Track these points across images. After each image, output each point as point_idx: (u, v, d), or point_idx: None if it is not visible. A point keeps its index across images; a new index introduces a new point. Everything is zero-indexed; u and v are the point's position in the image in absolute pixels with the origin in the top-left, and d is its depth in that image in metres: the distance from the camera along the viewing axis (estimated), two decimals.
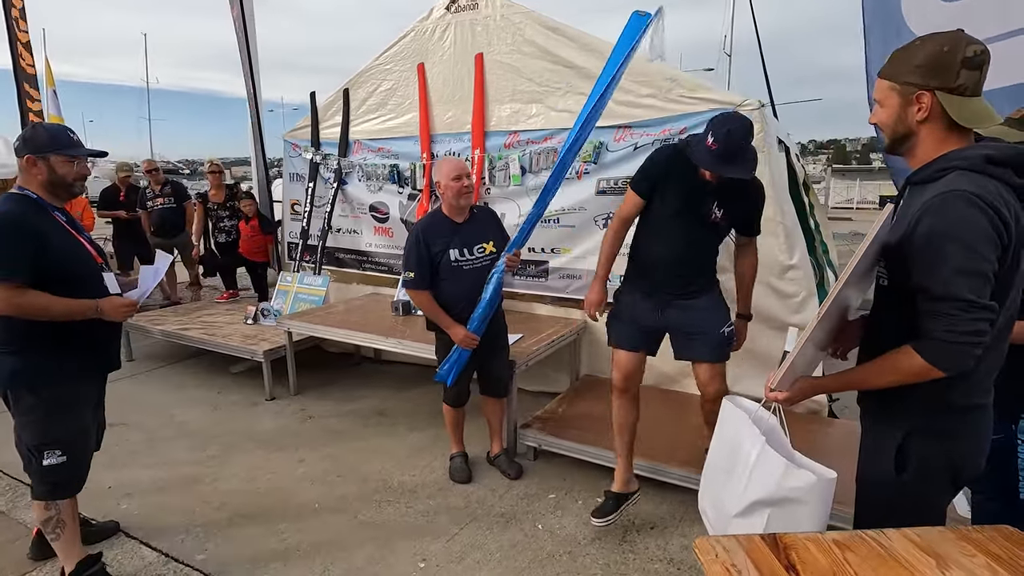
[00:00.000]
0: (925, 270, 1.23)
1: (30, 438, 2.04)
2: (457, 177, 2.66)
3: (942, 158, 1.26)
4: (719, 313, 2.48)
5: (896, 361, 1.28)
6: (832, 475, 1.34)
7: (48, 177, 2.03)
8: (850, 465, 1.53)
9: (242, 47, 5.88)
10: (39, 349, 2.00)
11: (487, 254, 2.77)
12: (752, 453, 1.43)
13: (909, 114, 1.30)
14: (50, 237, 1.97)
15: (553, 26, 3.78)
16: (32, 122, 2.28)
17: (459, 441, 3.12)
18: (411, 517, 2.69)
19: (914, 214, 1.26)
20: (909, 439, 1.34)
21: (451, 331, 2.72)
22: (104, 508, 2.75)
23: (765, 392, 1.47)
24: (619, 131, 3.64)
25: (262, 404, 4.05)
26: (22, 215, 1.95)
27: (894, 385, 1.30)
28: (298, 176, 5.22)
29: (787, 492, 1.37)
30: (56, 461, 2.05)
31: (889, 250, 1.34)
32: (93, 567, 2.22)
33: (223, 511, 2.74)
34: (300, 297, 4.79)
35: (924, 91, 1.26)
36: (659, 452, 2.86)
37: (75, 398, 2.10)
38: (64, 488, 2.12)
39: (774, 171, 3.32)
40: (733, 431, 1.54)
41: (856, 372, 1.40)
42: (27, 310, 1.91)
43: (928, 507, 1.37)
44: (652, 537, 2.53)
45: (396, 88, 4.47)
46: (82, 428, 2.14)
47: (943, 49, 1.24)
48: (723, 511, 1.55)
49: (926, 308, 1.24)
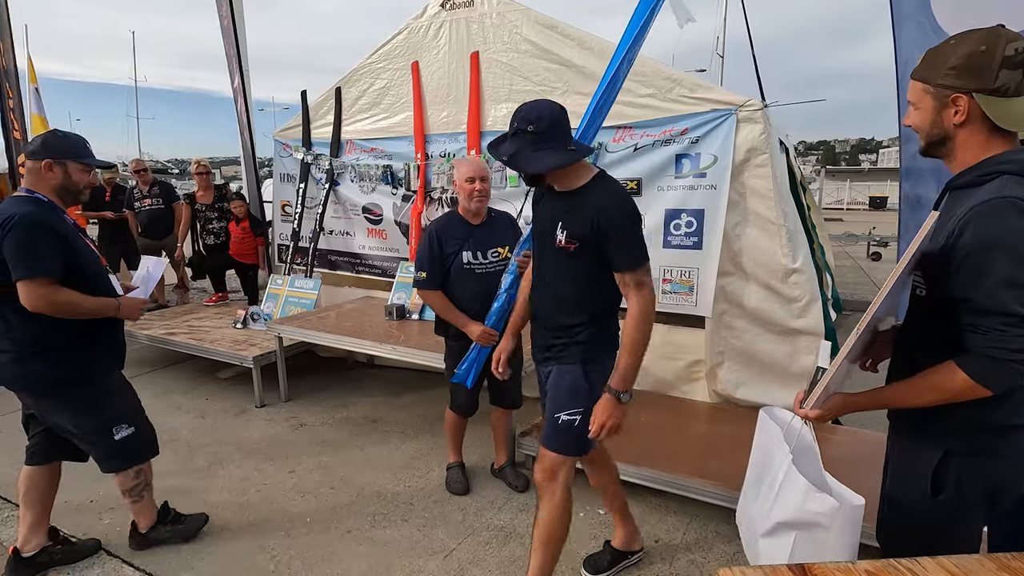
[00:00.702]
0: (970, 281, 1.15)
1: (92, 424, 2.17)
2: (470, 179, 2.56)
3: (987, 161, 1.19)
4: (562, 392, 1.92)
5: (937, 379, 1.20)
6: (859, 501, 1.26)
7: (62, 182, 2.10)
8: (855, 474, 1.46)
9: (230, 45, 5.76)
10: (87, 343, 2.12)
11: (501, 259, 2.67)
12: (780, 472, 1.35)
13: (945, 117, 1.23)
14: (68, 237, 2.05)
15: (551, 24, 3.69)
16: (53, 128, 2.32)
17: (458, 450, 3.03)
18: (406, 531, 2.60)
19: (957, 221, 1.18)
20: (947, 460, 1.26)
21: (468, 329, 2.59)
22: (85, 524, 2.63)
23: (795, 408, 1.39)
24: (618, 131, 3.56)
25: (252, 411, 3.93)
26: (44, 216, 2.01)
27: (934, 404, 1.22)
28: (289, 176, 5.10)
29: (810, 516, 1.29)
30: (127, 433, 2.24)
31: (928, 258, 1.26)
32: (167, 516, 2.48)
33: (210, 525, 2.62)
34: (291, 300, 4.67)
35: (961, 94, 1.19)
36: (660, 460, 2.78)
37: (120, 382, 2.30)
38: (144, 452, 2.34)
39: (776, 173, 3.26)
40: (766, 445, 1.46)
41: (893, 390, 1.31)
42: (60, 307, 1.99)
43: (963, 532, 1.29)
44: (657, 552, 2.45)
45: (389, 87, 4.37)
46: (135, 403, 2.34)
47: (980, 48, 1.17)
48: (753, 529, 1.48)
49: (970, 321, 1.16)
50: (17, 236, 1.93)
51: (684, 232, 3.42)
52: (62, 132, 2.20)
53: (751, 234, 3.31)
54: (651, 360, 3.68)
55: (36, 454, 2.28)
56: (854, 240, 11.24)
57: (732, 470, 2.67)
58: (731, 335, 3.44)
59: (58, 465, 2.33)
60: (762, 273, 3.31)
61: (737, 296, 3.40)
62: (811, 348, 3.29)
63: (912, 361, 1.30)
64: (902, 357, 1.38)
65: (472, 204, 2.61)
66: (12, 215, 1.94)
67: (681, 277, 3.46)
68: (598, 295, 1.85)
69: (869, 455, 2.50)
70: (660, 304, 3.54)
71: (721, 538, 2.54)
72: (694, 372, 3.59)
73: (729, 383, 3.45)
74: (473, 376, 2.67)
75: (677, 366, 3.63)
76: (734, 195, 3.29)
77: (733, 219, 3.31)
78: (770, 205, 3.23)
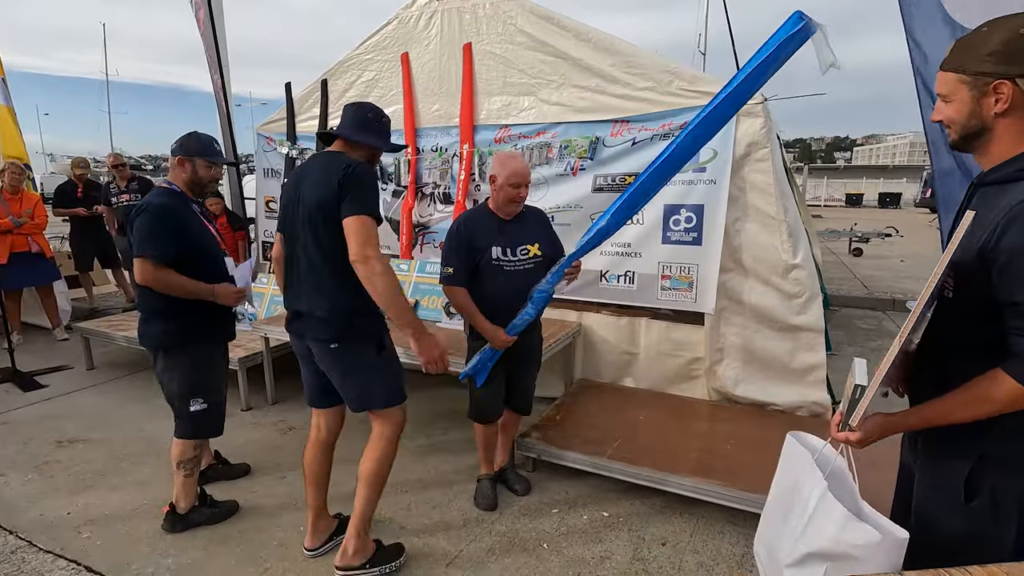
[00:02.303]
0: (1016, 284, 1.09)
1: (178, 388, 2.45)
2: (516, 185, 2.43)
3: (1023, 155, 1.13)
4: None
5: (986, 389, 1.13)
6: (903, 535, 1.16)
7: (191, 176, 2.48)
8: (864, 477, 1.36)
9: (208, 39, 5.58)
10: (189, 316, 2.40)
11: (531, 256, 2.53)
12: (812, 499, 1.25)
13: (985, 107, 1.17)
14: (190, 224, 2.42)
15: (546, 15, 3.61)
16: (192, 130, 2.61)
17: (490, 462, 2.82)
18: (405, 540, 2.49)
19: (996, 220, 1.12)
20: (980, 467, 1.21)
21: (488, 333, 2.46)
22: (63, 539, 2.48)
23: (832, 431, 1.29)
24: (616, 125, 3.49)
25: (237, 415, 3.79)
26: (173, 207, 2.38)
27: (984, 417, 1.15)
28: (273, 171, 4.95)
29: (846, 548, 1.19)
30: (199, 407, 2.47)
31: (962, 260, 1.20)
32: (205, 500, 2.64)
33: (197, 538, 2.50)
34: (277, 300, 4.52)
35: (1003, 80, 1.13)
36: (663, 460, 2.73)
37: (212, 357, 2.55)
38: (208, 429, 2.57)
39: (777, 167, 3.23)
40: (794, 471, 1.37)
41: (937, 406, 1.22)
42: (163, 285, 2.31)
43: (995, 541, 1.24)
44: (665, 554, 2.40)
45: (378, 79, 4.24)
46: (217, 383, 2.57)
47: (1020, 32, 1.11)
48: (776, 559, 1.38)
49: (1016, 325, 1.11)
50: (143, 220, 2.31)
51: (684, 228, 3.37)
52: (197, 133, 2.54)
53: (751, 229, 3.28)
54: (649, 357, 3.66)
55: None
56: (836, 236, 11.39)
57: (737, 469, 2.64)
58: (731, 332, 3.40)
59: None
60: (762, 269, 3.28)
61: (737, 292, 3.36)
62: (811, 345, 3.27)
63: (942, 368, 1.24)
64: (928, 365, 1.31)
65: (510, 208, 2.50)
66: (147, 203, 2.36)
67: (680, 273, 3.41)
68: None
69: (884, 458, 2.47)
70: (658, 300, 3.51)
71: (728, 539, 2.49)
72: (693, 369, 3.55)
73: (729, 380, 3.41)
74: (483, 376, 2.53)
75: (676, 363, 3.58)
76: (734, 190, 3.25)
77: (733, 214, 3.27)
78: (771, 200, 3.20)
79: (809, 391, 3.27)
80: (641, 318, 3.63)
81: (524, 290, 2.44)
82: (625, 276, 3.60)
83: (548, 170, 3.72)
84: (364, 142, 2.13)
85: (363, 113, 2.17)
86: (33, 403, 3.99)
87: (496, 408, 2.67)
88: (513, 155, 2.58)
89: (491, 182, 2.50)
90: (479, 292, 2.49)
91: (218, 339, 2.60)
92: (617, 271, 3.62)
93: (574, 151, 3.64)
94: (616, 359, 3.74)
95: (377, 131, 2.17)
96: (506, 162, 2.47)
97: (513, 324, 2.44)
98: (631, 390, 3.66)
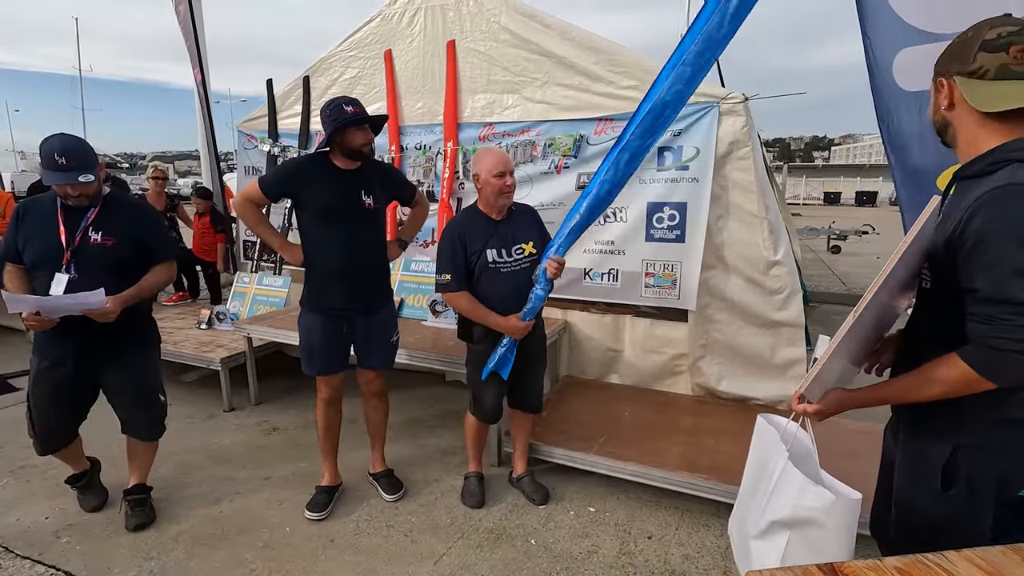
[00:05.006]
0: (976, 270, 1.13)
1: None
2: (500, 174, 2.41)
3: (998, 149, 1.17)
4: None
5: (938, 371, 1.17)
6: (856, 496, 1.22)
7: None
8: (844, 465, 1.45)
9: (188, 33, 5.48)
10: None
11: (526, 255, 2.52)
12: (776, 471, 1.30)
13: (940, 104, 1.26)
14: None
15: (530, 13, 3.62)
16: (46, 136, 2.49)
17: (479, 459, 2.84)
18: (393, 538, 2.49)
19: (965, 210, 1.16)
20: (957, 455, 1.25)
21: (503, 325, 2.45)
22: (40, 545, 2.43)
23: (793, 403, 1.35)
24: (600, 123, 3.51)
25: (220, 416, 3.74)
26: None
27: (937, 398, 1.19)
28: (254, 169, 4.87)
29: (805, 512, 1.24)
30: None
31: (934, 250, 1.24)
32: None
33: (180, 541, 2.47)
34: (259, 299, 4.48)
35: (943, 78, 1.23)
36: (648, 455, 2.76)
37: (38, 369, 2.48)
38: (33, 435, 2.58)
39: (758, 166, 3.27)
40: (764, 450, 1.41)
41: (894, 384, 1.29)
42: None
43: (973, 527, 1.28)
44: (651, 548, 2.42)
45: (361, 76, 4.21)
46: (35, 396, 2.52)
47: (968, 34, 1.20)
48: (744, 532, 1.43)
49: (974, 311, 1.14)
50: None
51: (667, 225, 3.41)
52: (44, 140, 2.40)
53: (733, 227, 3.32)
54: (634, 354, 3.69)
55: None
56: (815, 234, 11.58)
57: (720, 463, 2.67)
58: (713, 328, 3.44)
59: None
60: (744, 266, 3.33)
61: (719, 289, 3.41)
62: (792, 340, 3.32)
63: (917, 356, 1.28)
64: (908, 352, 1.36)
65: (501, 200, 2.47)
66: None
67: (664, 271, 3.45)
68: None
69: (862, 447, 2.53)
70: (642, 298, 3.54)
71: (712, 532, 2.53)
72: (677, 365, 3.59)
73: (712, 376, 3.46)
74: (507, 369, 2.53)
75: (660, 360, 3.62)
76: (716, 188, 3.28)
77: (715, 212, 3.31)
78: (752, 198, 3.24)
79: (790, 385, 3.33)
80: (625, 315, 3.66)
81: (523, 288, 2.46)
82: (609, 274, 3.62)
83: (532, 168, 3.73)
84: (327, 137, 2.41)
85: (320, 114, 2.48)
86: (7, 406, 3.90)
87: (498, 409, 2.67)
88: (489, 149, 2.62)
89: (475, 181, 2.49)
90: (480, 297, 2.49)
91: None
92: (601, 269, 3.64)
93: (558, 149, 3.65)
94: (601, 356, 3.76)
95: (324, 121, 2.41)
96: (483, 156, 2.47)
97: (526, 311, 2.45)
98: (616, 386, 3.68)
